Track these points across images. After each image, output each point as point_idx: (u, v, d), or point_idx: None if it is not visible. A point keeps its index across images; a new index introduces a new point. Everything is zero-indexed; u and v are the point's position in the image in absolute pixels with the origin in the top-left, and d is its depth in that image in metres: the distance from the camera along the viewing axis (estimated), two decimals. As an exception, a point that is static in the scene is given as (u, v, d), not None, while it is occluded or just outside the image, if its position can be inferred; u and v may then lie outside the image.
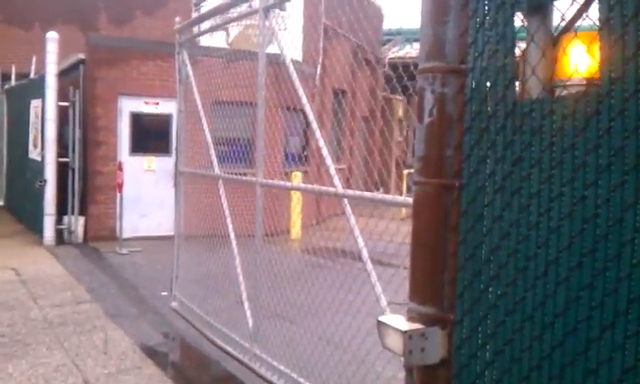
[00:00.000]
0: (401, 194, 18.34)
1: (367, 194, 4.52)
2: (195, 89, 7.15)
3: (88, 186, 12.15)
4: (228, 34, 12.53)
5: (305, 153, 13.40)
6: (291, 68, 5.22)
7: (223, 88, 6.99)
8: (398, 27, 23.37)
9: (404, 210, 7.76)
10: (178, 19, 7.62)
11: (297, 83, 5.20)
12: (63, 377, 5.30)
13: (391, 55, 21.85)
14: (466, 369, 2.39)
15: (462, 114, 2.33)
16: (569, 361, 1.99)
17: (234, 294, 5.72)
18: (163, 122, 12.35)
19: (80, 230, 11.91)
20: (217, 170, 6.75)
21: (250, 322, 5.31)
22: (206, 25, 7.36)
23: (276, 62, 7.47)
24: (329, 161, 4.89)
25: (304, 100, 5.23)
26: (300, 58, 13.07)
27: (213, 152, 6.88)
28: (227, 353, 5.55)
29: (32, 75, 14.53)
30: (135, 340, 6.31)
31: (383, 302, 4.06)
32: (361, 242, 4.44)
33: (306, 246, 11.30)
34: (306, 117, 5.23)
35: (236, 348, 5.45)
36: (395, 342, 2.40)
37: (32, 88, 13.54)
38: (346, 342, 4.55)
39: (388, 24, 22.67)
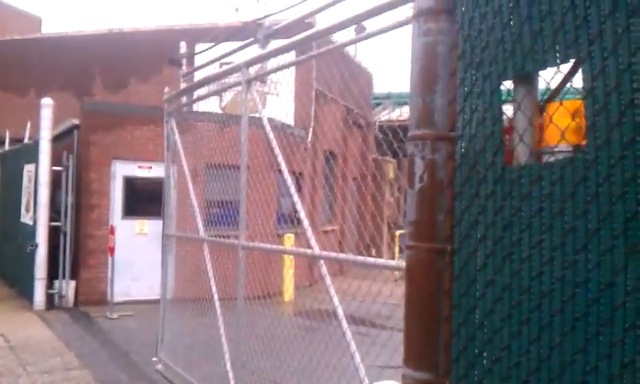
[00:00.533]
0: (393, 256, 18.35)
1: (343, 255, 4.62)
2: (182, 155, 7.40)
3: (80, 249, 12.09)
4: (221, 99, 12.70)
5: (297, 215, 13.43)
6: (268, 129, 5.42)
7: (216, 151, 7.10)
8: (387, 91, 23.79)
9: (397, 272, 7.77)
10: (166, 89, 7.89)
11: (274, 143, 5.38)
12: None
13: (381, 118, 22.18)
14: (462, 435, 2.37)
15: (452, 180, 2.37)
16: (565, 425, 1.98)
17: (222, 359, 5.68)
18: (156, 185, 12.37)
19: (71, 295, 11.80)
20: (201, 233, 6.90)
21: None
22: (201, 90, 7.49)
23: (272, 127, 7.56)
24: (306, 223, 5.02)
25: (282, 162, 5.38)
26: (292, 122, 13.25)
27: (198, 215, 7.06)
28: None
29: (26, 140, 14.63)
30: (126, 408, 6.20)
31: (362, 371, 4.05)
32: (336, 301, 4.48)
33: (299, 308, 11.23)
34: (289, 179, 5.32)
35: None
36: (390, 409, 2.38)
37: (26, 153, 13.61)
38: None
39: (378, 88, 23.07)
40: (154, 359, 7.50)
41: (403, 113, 20.16)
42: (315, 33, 4.70)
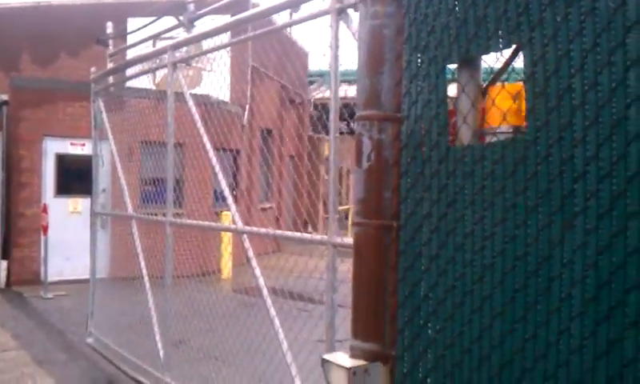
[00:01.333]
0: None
1: (264, 230, 4.83)
2: (110, 133, 7.53)
3: (11, 228, 11.75)
4: (155, 76, 12.52)
5: (234, 192, 13.39)
6: (193, 109, 5.63)
7: (151, 128, 7.04)
8: (321, 69, 23.80)
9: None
10: (93, 69, 7.88)
11: (197, 120, 5.62)
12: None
13: (316, 96, 22.25)
14: (407, 403, 2.49)
15: (398, 159, 2.46)
16: (505, 390, 2.12)
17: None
18: (90, 163, 12.12)
19: (2, 275, 11.49)
20: (130, 210, 7.08)
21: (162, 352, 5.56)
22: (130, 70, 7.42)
23: (204, 103, 7.56)
24: (229, 200, 5.33)
25: (204, 138, 5.56)
26: (227, 99, 13.16)
27: (126, 193, 7.25)
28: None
29: (-50, 115, 14.03)
30: (67, 387, 6.15)
31: (281, 335, 4.32)
32: (258, 273, 4.72)
33: (237, 285, 11.25)
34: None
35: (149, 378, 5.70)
36: (339, 379, 2.48)
37: (-50, 128, 13.06)
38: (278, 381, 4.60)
39: (312, 66, 23.08)
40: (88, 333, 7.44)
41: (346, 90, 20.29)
42: (250, 15, 4.74)
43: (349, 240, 3.90)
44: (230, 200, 5.32)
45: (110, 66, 7.65)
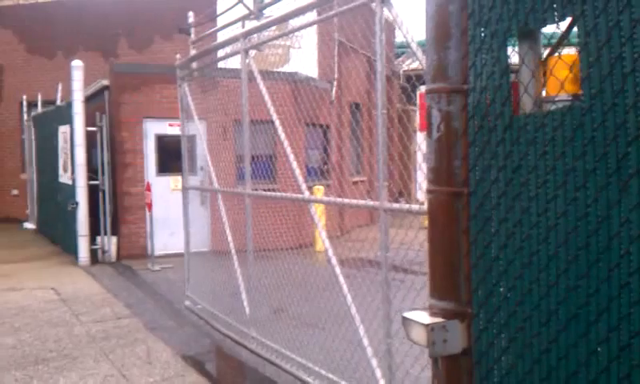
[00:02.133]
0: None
1: (331, 199, 5.11)
2: (195, 116, 8.18)
3: (118, 206, 12.58)
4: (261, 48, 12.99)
5: (326, 167, 13.69)
6: (261, 85, 6.16)
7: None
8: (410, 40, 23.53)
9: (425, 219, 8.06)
10: (178, 56, 8.54)
11: (266, 97, 6.12)
12: (111, 387, 5.67)
13: (405, 67, 22.09)
14: (485, 356, 2.66)
15: (466, 129, 2.61)
16: (572, 343, 2.26)
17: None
18: (189, 142, 12.72)
19: (113, 250, 12.34)
20: (215, 185, 7.79)
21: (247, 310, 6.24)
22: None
23: (294, 80, 7.82)
24: (297, 172, 5.78)
25: (274, 115, 6.10)
26: (316, 75, 13.40)
27: (212, 169, 8.02)
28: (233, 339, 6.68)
29: (58, 102, 15.01)
30: (176, 350, 6.66)
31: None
32: (327, 242, 5.40)
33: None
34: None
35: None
36: (419, 335, 2.68)
37: (59, 114, 14.01)
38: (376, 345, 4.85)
39: (401, 37, 22.88)
40: (199, 306, 7.98)
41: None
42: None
43: (397, 205, 4.36)
44: (297, 172, 5.79)
45: (192, 52, 8.18)
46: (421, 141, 4.12)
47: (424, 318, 2.72)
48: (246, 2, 6.70)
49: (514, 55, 2.47)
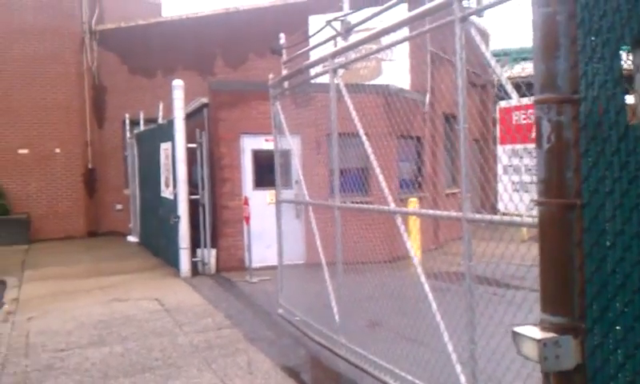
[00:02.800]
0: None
1: (415, 210, 5.16)
2: (287, 132, 8.59)
3: (217, 220, 12.97)
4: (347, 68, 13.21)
5: (418, 179, 13.60)
6: (348, 102, 6.45)
7: (338, 120, 7.49)
8: (504, 48, 23.13)
9: (525, 232, 7.87)
10: (271, 76, 8.98)
11: (353, 114, 6.41)
12: (215, 396, 5.84)
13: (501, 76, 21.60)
14: (599, 373, 2.59)
15: (577, 139, 2.57)
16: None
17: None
18: (284, 156, 12.96)
19: (212, 262, 12.72)
20: (306, 198, 8.15)
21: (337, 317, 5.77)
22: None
23: (386, 93, 7.87)
24: (383, 184, 5.98)
25: (360, 128, 6.34)
26: (408, 86, 13.37)
27: (303, 182, 8.31)
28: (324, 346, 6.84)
29: (160, 120, 15.65)
30: (275, 361, 6.79)
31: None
32: (413, 253, 5.56)
33: (426, 270, 11.46)
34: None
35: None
36: (530, 350, 2.64)
37: (161, 132, 14.60)
38: (482, 364, 4.79)
39: (494, 45, 22.53)
40: (297, 318, 8.11)
41: (524, 69, 19.59)
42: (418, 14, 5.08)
43: (479, 216, 4.44)
44: (383, 184, 5.99)
45: (284, 72, 8.59)
46: (500, 153, 4.32)
47: (535, 333, 2.68)
48: (335, 24, 7.03)
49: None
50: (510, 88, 4.32)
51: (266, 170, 12.99)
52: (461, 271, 5.69)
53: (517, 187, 4.36)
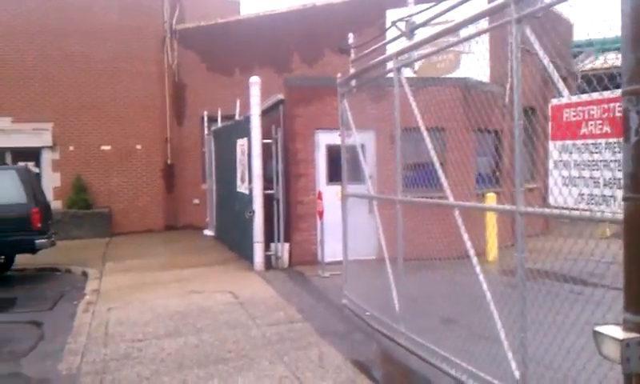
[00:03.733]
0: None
1: (470, 203, 6.17)
2: (354, 129, 9.00)
3: (291, 215, 13.09)
4: (412, 66, 13.05)
5: (496, 174, 13.29)
6: (411, 99, 6.67)
7: (411, 115, 7.43)
8: (588, 38, 22.28)
9: (607, 229, 7.60)
10: (339, 75, 9.32)
11: (416, 111, 6.63)
12: (287, 388, 5.89)
13: (584, 67, 20.90)
14: (686, 376, 2.46)
15: (668, 132, 2.43)
16: None
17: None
18: (355, 152, 12.92)
19: (285, 256, 12.86)
20: (371, 192, 8.54)
21: (397, 307, 5.67)
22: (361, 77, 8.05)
23: (465, 86, 7.76)
24: (442, 178, 6.27)
25: (421, 123, 6.54)
26: (487, 79, 13.07)
27: (368, 178, 8.81)
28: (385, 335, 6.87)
29: (237, 117, 15.91)
30: (346, 355, 6.78)
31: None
32: (469, 245, 5.77)
33: (503, 267, 11.21)
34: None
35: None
36: (612, 351, 2.53)
37: (237, 128, 14.85)
38: (557, 363, 4.67)
39: (578, 35, 21.74)
40: (367, 314, 8.09)
41: (608, 60, 18.83)
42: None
43: (531, 209, 4.71)
44: (442, 178, 6.27)
45: (351, 71, 8.86)
46: (552, 149, 4.55)
47: (618, 332, 2.57)
48: (400, 25, 7.28)
49: None
50: (561, 86, 4.55)
51: (340, 166, 13.03)
52: (537, 268, 5.62)
53: (566, 182, 4.38)
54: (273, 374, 6.26)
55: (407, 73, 9.10)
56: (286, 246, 12.91)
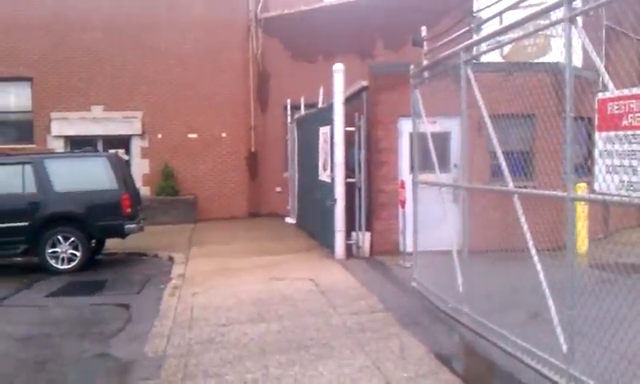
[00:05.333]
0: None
1: (520, 189, 6.04)
2: (424, 118, 9.09)
3: (372, 203, 12.96)
4: (501, 49, 12.68)
5: (588, 163, 12.69)
6: (476, 90, 6.76)
7: (499, 102, 7.20)
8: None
9: None
10: (412, 66, 9.34)
11: (480, 102, 6.79)
12: (367, 377, 5.80)
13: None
14: None
15: None
16: None
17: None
18: (441, 139, 12.63)
19: (366, 245, 12.75)
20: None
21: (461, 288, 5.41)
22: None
23: (555, 71, 7.46)
24: (503, 165, 6.29)
25: (484, 112, 6.65)
26: (580, 64, 12.47)
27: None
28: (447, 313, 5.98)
29: (320, 104, 15.89)
30: (429, 347, 6.62)
31: None
32: (529, 237, 5.82)
33: (595, 261, 10.71)
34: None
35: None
36: None
37: (320, 116, 14.82)
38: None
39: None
40: (450, 305, 7.87)
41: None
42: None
43: (581, 195, 5.20)
44: (504, 165, 6.31)
45: (424, 63, 9.04)
46: (597, 139, 4.82)
47: None
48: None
49: None
50: (606, 79, 4.77)
51: (423, 154, 12.77)
52: (630, 262, 5.35)
53: (609, 170, 4.70)
54: (353, 363, 6.19)
55: (496, 57, 8.91)
56: (367, 235, 12.79)
